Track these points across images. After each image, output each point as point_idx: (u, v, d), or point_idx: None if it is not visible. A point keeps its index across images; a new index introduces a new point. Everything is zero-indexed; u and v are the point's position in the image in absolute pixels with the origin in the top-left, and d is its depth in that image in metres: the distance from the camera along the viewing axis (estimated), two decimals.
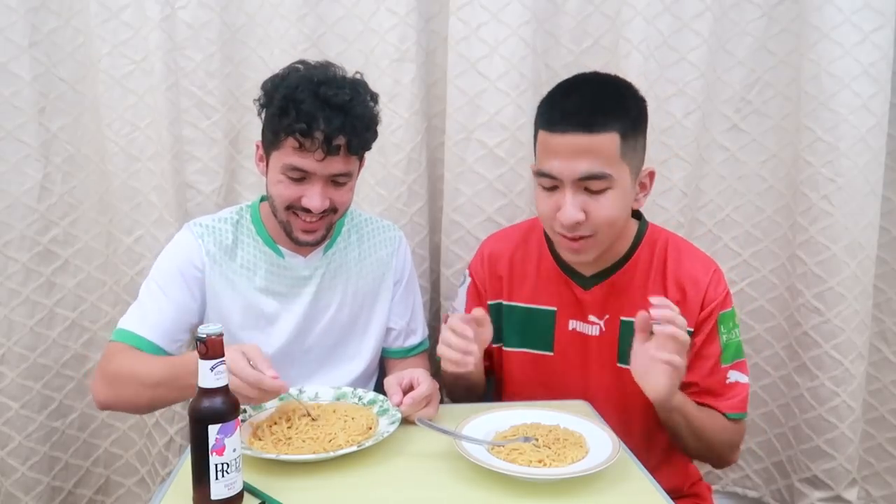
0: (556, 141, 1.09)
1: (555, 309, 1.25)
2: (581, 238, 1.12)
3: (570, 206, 1.08)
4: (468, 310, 1.30)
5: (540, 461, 0.95)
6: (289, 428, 1.04)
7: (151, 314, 1.23)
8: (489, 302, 1.31)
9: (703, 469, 1.48)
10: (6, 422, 1.60)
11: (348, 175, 1.21)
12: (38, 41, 1.53)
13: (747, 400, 1.21)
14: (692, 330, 1.16)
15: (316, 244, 1.26)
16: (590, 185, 1.08)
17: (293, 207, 1.20)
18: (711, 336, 1.18)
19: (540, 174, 1.13)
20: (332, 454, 0.96)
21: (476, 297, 1.33)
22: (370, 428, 1.05)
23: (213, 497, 0.83)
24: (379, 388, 1.35)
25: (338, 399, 1.18)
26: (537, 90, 1.61)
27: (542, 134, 1.13)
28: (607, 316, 1.22)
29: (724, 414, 1.18)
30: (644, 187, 1.18)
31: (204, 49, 1.55)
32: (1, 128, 1.52)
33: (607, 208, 1.09)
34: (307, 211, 1.19)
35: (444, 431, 1.02)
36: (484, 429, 1.05)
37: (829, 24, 1.49)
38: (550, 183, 1.12)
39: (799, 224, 1.60)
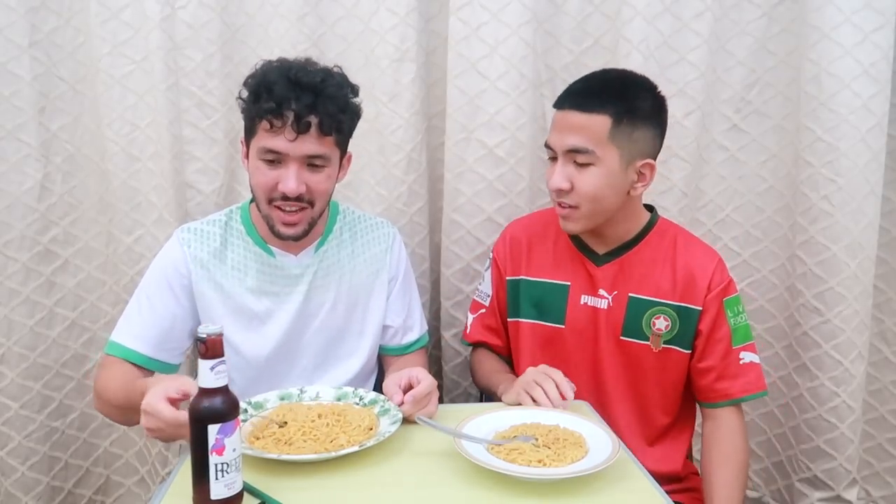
0: (557, 117, 1.25)
1: (569, 284, 1.33)
2: (568, 207, 1.24)
3: (557, 174, 1.23)
4: (493, 288, 1.43)
5: (540, 461, 0.95)
6: (287, 430, 1.04)
7: (138, 325, 1.25)
8: (508, 278, 1.40)
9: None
10: (6, 422, 1.60)
11: (323, 158, 1.20)
12: (38, 41, 1.53)
13: (763, 377, 1.30)
14: (700, 309, 1.27)
15: (297, 239, 1.25)
16: (576, 157, 1.21)
17: (274, 200, 1.20)
18: (719, 320, 1.28)
19: (545, 145, 1.27)
20: (333, 454, 0.96)
21: (497, 275, 1.42)
22: (371, 428, 1.05)
23: (212, 497, 0.83)
24: (378, 385, 1.35)
25: (338, 399, 1.18)
26: (537, 90, 1.61)
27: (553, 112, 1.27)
28: (616, 291, 1.30)
29: (740, 398, 1.28)
30: (643, 178, 1.25)
31: (204, 49, 1.55)
32: (1, 128, 1.52)
33: (589, 183, 1.21)
34: (285, 199, 1.18)
35: (445, 430, 1.02)
36: (484, 429, 1.05)
37: (829, 24, 1.49)
38: (550, 154, 1.26)
39: (799, 224, 1.60)
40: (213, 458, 0.82)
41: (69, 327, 1.65)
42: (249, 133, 1.21)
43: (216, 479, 0.83)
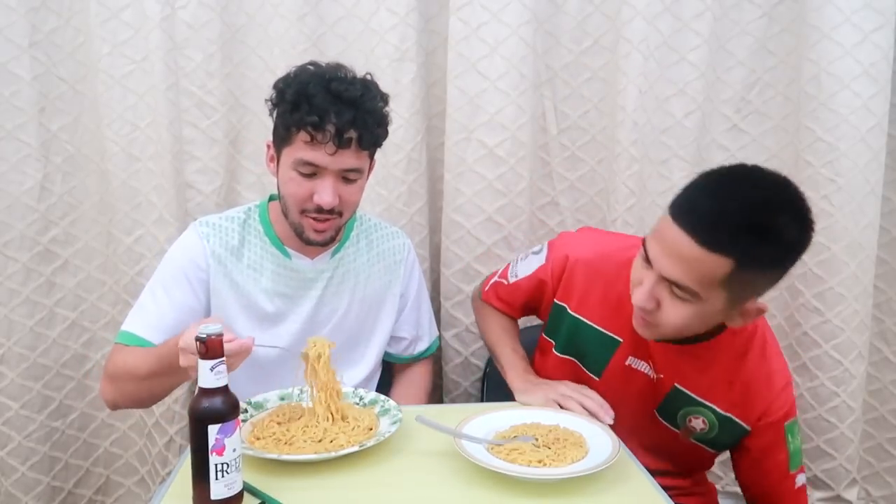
0: (670, 231, 0.97)
1: (621, 341, 1.19)
2: (650, 321, 1.05)
3: (646, 293, 1.01)
4: (529, 280, 1.28)
5: (540, 461, 0.95)
6: (287, 430, 1.04)
7: (152, 316, 1.22)
8: (557, 301, 1.25)
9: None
10: (6, 422, 1.60)
11: (359, 171, 1.20)
12: (38, 41, 1.53)
13: (807, 496, 1.19)
14: (749, 429, 1.13)
15: (324, 245, 1.25)
16: (674, 289, 0.99)
17: (307, 211, 1.19)
18: (779, 445, 1.14)
19: (644, 243, 1.03)
20: (333, 454, 0.96)
21: (545, 289, 1.27)
22: (371, 428, 1.05)
23: (212, 497, 0.83)
24: (380, 388, 1.36)
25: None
26: (537, 90, 1.61)
27: (663, 221, 0.99)
28: (662, 375, 1.16)
29: None
30: (747, 316, 1.04)
31: (204, 49, 1.55)
32: (1, 128, 1.52)
33: (679, 316, 1.01)
34: (319, 210, 1.18)
35: (445, 430, 1.02)
36: (484, 429, 1.05)
37: (829, 24, 1.49)
38: (644, 254, 1.03)
39: None
40: (213, 458, 0.82)
41: (69, 327, 1.65)
42: (284, 141, 1.19)
43: (216, 479, 0.83)
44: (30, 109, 1.53)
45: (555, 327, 1.27)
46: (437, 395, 1.78)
